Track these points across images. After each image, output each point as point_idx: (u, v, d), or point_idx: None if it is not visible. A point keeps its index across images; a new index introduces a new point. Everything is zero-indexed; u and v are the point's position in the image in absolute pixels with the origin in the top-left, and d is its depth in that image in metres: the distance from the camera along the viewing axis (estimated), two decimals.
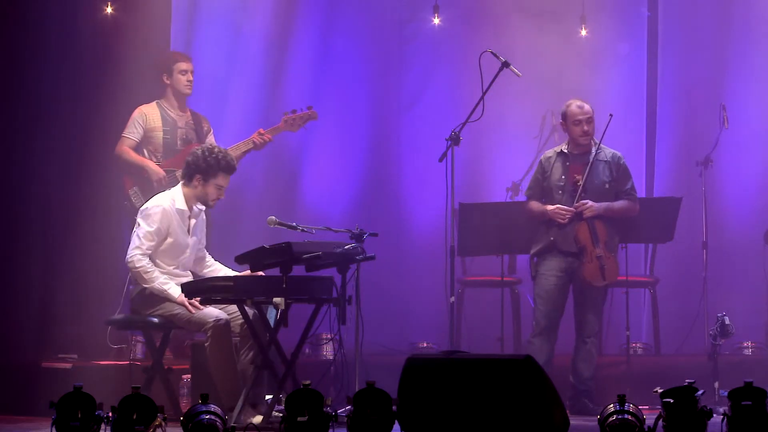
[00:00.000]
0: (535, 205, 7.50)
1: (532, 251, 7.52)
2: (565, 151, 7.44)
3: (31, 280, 7.71)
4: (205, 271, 6.85)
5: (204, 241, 6.90)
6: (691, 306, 8.64)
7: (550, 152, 7.54)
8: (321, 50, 9.36)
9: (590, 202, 7.31)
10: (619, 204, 7.44)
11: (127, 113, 7.84)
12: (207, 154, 6.60)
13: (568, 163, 7.41)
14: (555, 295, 7.38)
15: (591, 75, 9.23)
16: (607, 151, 7.47)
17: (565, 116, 7.44)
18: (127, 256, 6.58)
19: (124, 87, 7.97)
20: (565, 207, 7.33)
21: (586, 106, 7.41)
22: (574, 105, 7.40)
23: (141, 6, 8.21)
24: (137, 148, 7.78)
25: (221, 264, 6.92)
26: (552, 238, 7.37)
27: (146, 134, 7.79)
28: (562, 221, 7.32)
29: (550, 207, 7.39)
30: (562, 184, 7.40)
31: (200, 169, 6.59)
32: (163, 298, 6.50)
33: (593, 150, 7.41)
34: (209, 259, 6.92)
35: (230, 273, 6.79)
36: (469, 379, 5.25)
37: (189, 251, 6.71)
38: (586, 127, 7.36)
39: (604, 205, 7.37)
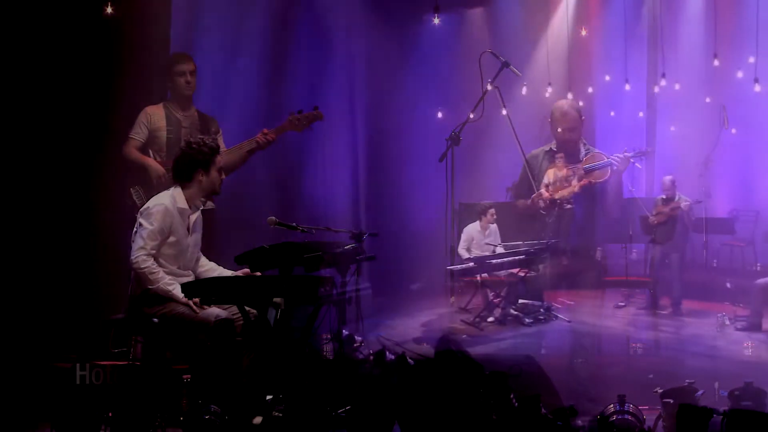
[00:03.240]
0: (521, 202, 7.54)
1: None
2: (554, 149, 7.46)
3: (32, 280, 7.71)
4: (200, 270, 6.83)
5: (200, 242, 6.89)
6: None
7: (537, 151, 7.56)
8: (321, 50, 9.36)
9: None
10: None
11: (128, 112, 7.86)
12: (195, 147, 6.60)
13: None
14: None
15: (591, 75, 9.24)
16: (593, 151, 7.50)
17: (551, 118, 7.48)
18: (132, 257, 6.55)
19: (124, 86, 7.98)
20: (536, 192, 7.31)
21: (571, 114, 7.39)
22: (558, 112, 7.41)
23: (141, 6, 8.21)
24: (142, 149, 7.81)
25: (216, 264, 6.92)
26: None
27: (151, 134, 7.83)
28: (544, 206, 7.34)
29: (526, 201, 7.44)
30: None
31: (198, 163, 6.59)
32: (167, 297, 6.50)
33: (582, 149, 7.42)
34: (203, 259, 6.91)
35: (225, 273, 6.79)
36: (469, 379, 5.25)
37: (190, 250, 6.71)
38: (567, 135, 7.38)
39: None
